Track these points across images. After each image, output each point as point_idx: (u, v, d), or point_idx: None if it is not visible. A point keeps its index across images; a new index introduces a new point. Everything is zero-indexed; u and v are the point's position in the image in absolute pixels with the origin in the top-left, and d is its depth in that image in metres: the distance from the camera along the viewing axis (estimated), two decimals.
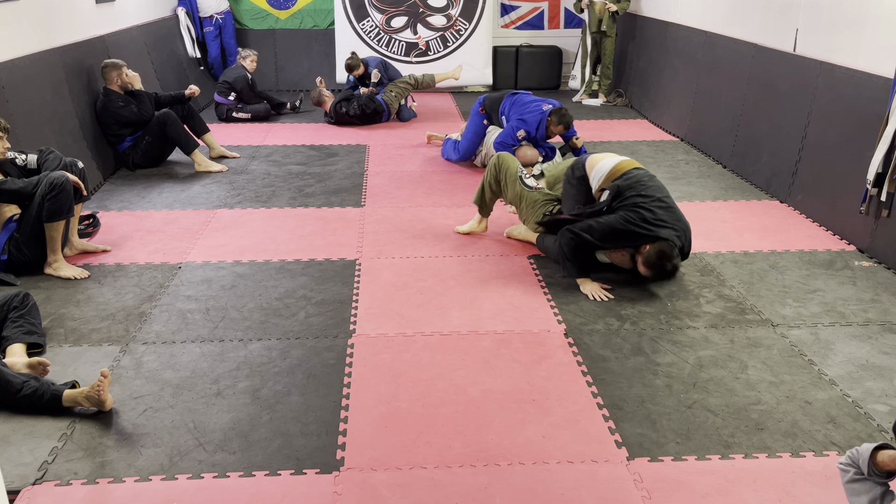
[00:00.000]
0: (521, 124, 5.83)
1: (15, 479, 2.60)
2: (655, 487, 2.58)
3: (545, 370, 3.29)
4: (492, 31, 9.56)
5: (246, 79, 8.07)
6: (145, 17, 7.90)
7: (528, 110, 5.86)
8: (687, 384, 3.19)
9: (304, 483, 2.60)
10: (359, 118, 7.80)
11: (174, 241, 4.74)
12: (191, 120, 6.49)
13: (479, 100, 6.31)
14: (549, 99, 6.04)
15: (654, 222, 3.96)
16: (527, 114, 5.84)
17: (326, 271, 4.31)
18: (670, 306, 3.90)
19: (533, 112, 5.83)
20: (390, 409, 3.01)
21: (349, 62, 7.81)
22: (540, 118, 5.78)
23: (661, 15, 8.23)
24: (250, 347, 3.48)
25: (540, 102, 5.92)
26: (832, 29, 5.10)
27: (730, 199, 5.57)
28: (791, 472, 2.66)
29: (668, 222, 3.99)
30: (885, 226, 4.41)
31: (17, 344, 3.26)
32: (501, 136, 5.94)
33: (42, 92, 5.34)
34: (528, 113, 5.84)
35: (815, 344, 3.53)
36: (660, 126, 7.90)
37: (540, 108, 5.84)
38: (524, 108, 5.91)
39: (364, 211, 5.32)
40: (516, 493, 2.55)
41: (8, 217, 4.18)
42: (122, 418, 2.94)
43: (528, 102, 5.95)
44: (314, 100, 7.92)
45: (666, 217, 4.00)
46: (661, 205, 4.04)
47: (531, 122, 5.80)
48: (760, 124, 5.94)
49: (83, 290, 4.06)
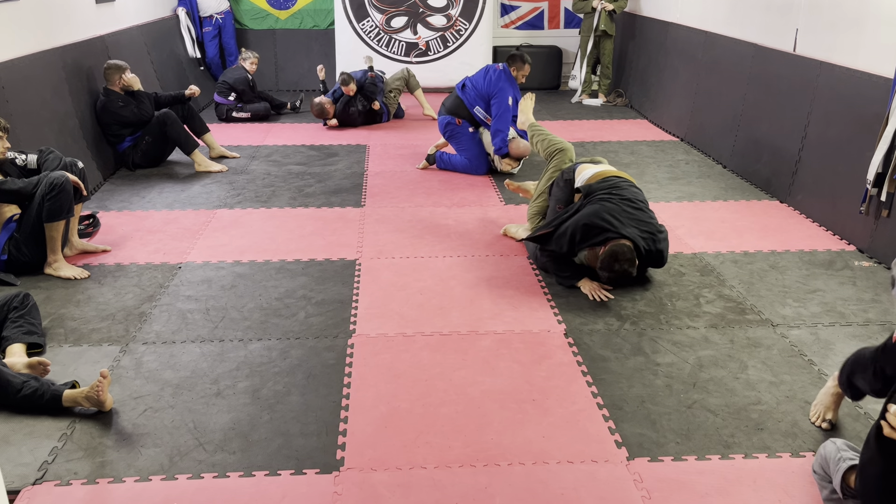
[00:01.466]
0: (506, 92, 5.93)
1: (15, 479, 2.60)
2: (655, 487, 2.58)
3: (545, 370, 3.29)
4: (492, 31, 9.55)
5: (246, 80, 8.07)
6: (145, 17, 7.90)
7: (492, 81, 5.99)
8: (687, 384, 3.19)
9: (304, 483, 2.60)
10: (362, 116, 7.78)
11: (174, 241, 4.74)
12: (191, 120, 6.49)
13: (445, 119, 6.18)
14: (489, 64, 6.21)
15: (619, 217, 3.89)
16: (496, 84, 5.96)
17: (326, 271, 4.31)
18: (670, 306, 3.90)
19: (497, 79, 5.97)
20: (390, 409, 3.01)
21: (344, 78, 7.69)
22: (506, 78, 5.97)
23: (661, 15, 8.23)
24: (250, 347, 3.48)
25: (487, 69, 6.10)
26: (832, 29, 5.10)
27: (730, 199, 5.57)
28: (791, 472, 2.66)
29: (635, 221, 3.93)
30: (885, 226, 4.41)
31: (16, 344, 3.26)
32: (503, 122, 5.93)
33: (42, 92, 5.34)
34: (496, 83, 5.96)
35: (815, 344, 3.53)
36: (660, 126, 7.90)
37: (496, 69, 6.05)
38: (488, 83, 6.01)
39: (364, 211, 5.32)
40: (516, 493, 2.55)
41: (8, 217, 4.18)
42: (122, 418, 2.94)
43: (483, 77, 6.08)
44: (317, 112, 7.75)
45: (634, 215, 3.95)
46: (631, 205, 3.99)
47: (504, 86, 5.94)
48: (760, 124, 5.94)
49: (83, 290, 4.06)
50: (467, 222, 5.09)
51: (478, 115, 6.10)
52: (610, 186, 4.10)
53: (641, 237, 3.91)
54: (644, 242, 3.91)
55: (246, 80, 8.06)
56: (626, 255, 3.80)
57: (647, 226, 3.97)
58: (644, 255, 3.94)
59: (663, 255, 4.03)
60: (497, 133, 5.99)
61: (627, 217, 3.93)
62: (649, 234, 3.96)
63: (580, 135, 7.50)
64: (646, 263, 4.07)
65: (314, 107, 7.72)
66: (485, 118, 6.10)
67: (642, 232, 3.93)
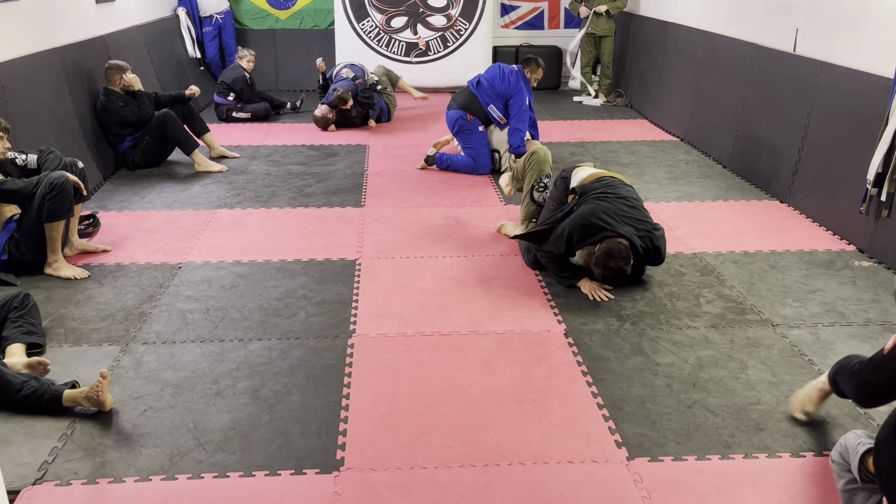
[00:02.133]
0: (524, 93, 5.97)
1: (15, 479, 2.60)
2: (655, 487, 2.58)
3: (545, 370, 3.29)
4: (492, 31, 9.55)
5: (244, 79, 8.06)
6: (145, 17, 7.90)
7: (511, 82, 6.04)
8: (687, 384, 3.19)
9: (304, 483, 2.60)
10: (360, 118, 7.78)
11: (174, 241, 4.74)
12: (191, 120, 6.49)
13: (456, 113, 6.15)
14: (500, 63, 6.26)
15: (615, 216, 3.91)
16: (515, 85, 6.01)
17: (326, 271, 4.31)
18: (670, 306, 3.90)
19: (516, 80, 6.02)
20: (390, 409, 3.01)
21: (341, 95, 7.56)
22: (522, 79, 6.05)
23: (661, 15, 8.23)
24: (250, 347, 3.48)
25: (502, 70, 6.12)
26: (832, 29, 5.10)
27: (730, 199, 5.57)
28: (791, 472, 2.66)
29: (631, 220, 3.95)
30: (885, 226, 4.41)
31: (16, 344, 3.26)
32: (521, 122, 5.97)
33: (42, 92, 5.34)
34: (515, 84, 6.01)
35: (815, 344, 3.53)
36: (660, 126, 7.90)
37: (511, 70, 6.09)
38: (507, 84, 6.04)
39: (364, 211, 5.32)
40: (516, 493, 2.55)
41: (8, 217, 4.18)
42: (122, 418, 2.94)
43: (500, 78, 6.09)
44: (322, 125, 7.67)
45: (629, 214, 3.97)
46: (626, 204, 4.02)
47: (522, 87, 5.99)
48: (760, 124, 5.94)
49: (83, 290, 4.06)
50: (467, 222, 5.09)
51: (492, 113, 6.11)
52: (604, 186, 4.12)
53: (637, 235, 3.92)
54: (640, 241, 3.92)
55: (244, 79, 8.04)
56: (621, 253, 3.83)
57: (642, 224, 3.99)
58: (640, 254, 3.95)
59: (660, 252, 4.04)
60: (515, 132, 5.99)
61: (623, 216, 3.95)
62: (646, 231, 3.97)
63: (580, 135, 7.50)
64: (643, 261, 4.07)
65: (318, 121, 7.69)
66: (499, 118, 6.11)
67: (638, 230, 3.94)
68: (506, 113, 6.08)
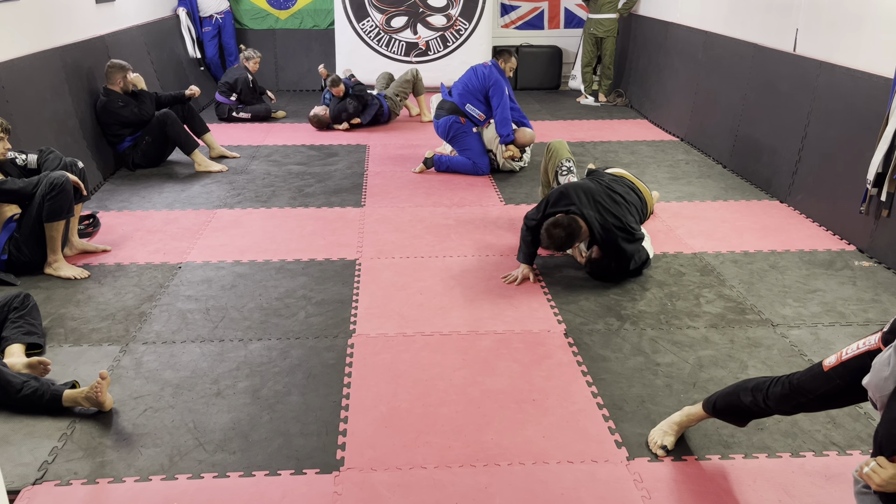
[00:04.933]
0: (501, 83, 5.99)
1: (15, 479, 2.60)
2: (655, 487, 2.58)
3: (545, 370, 3.29)
4: (492, 31, 9.55)
5: (247, 80, 8.06)
6: (145, 17, 7.90)
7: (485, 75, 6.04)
8: (687, 384, 3.19)
9: (304, 483, 2.60)
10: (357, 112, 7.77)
11: (174, 241, 4.74)
12: (191, 120, 6.49)
13: (449, 119, 6.14)
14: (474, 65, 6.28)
15: (590, 198, 4.02)
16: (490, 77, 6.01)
17: (326, 271, 4.31)
18: (670, 306, 3.90)
19: (490, 73, 6.03)
20: (390, 409, 3.01)
21: (334, 79, 7.68)
22: (497, 71, 6.06)
23: (661, 15, 8.23)
24: (250, 347, 3.48)
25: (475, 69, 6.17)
26: (832, 29, 5.10)
27: (730, 199, 5.57)
28: (791, 472, 2.66)
29: (603, 209, 4.00)
30: (885, 226, 4.41)
31: (16, 344, 3.26)
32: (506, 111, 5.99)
33: (42, 92, 5.33)
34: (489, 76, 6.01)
35: (816, 344, 3.53)
36: (660, 126, 7.90)
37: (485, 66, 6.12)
38: (482, 79, 6.05)
39: (364, 211, 5.32)
40: (516, 493, 2.55)
41: (8, 217, 4.18)
42: (122, 418, 2.94)
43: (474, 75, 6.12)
44: (317, 124, 7.70)
45: (606, 204, 4.02)
46: (610, 196, 4.10)
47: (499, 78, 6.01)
48: (760, 124, 5.94)
49: (83, 290, 4.06)
50: (467, 222, 5.09)
51: (471, 112, 6.10)
52: (610, 178, 4.26)
53: (598, 221, 3.97)
54: (599, 227, 3.97)
55: (247, 80, 8.05)
56: (567, 227, 3.91)
57: (613, 217, 4.01)
58: (597, 240, 4.01)
59: (624, 253, 4.00)
60: (502, 120, 6.00)
61: (598, 202, 4.02)
62: (612, 224, 3.98)
63: (580, 135, 7.51)
64: (625, 262, 4.05)
65: (313, 120, 7.72)
66: (478, 115, 6.11)
67: (603, 218, 3.99)
68: (486, 109, 6.10)
